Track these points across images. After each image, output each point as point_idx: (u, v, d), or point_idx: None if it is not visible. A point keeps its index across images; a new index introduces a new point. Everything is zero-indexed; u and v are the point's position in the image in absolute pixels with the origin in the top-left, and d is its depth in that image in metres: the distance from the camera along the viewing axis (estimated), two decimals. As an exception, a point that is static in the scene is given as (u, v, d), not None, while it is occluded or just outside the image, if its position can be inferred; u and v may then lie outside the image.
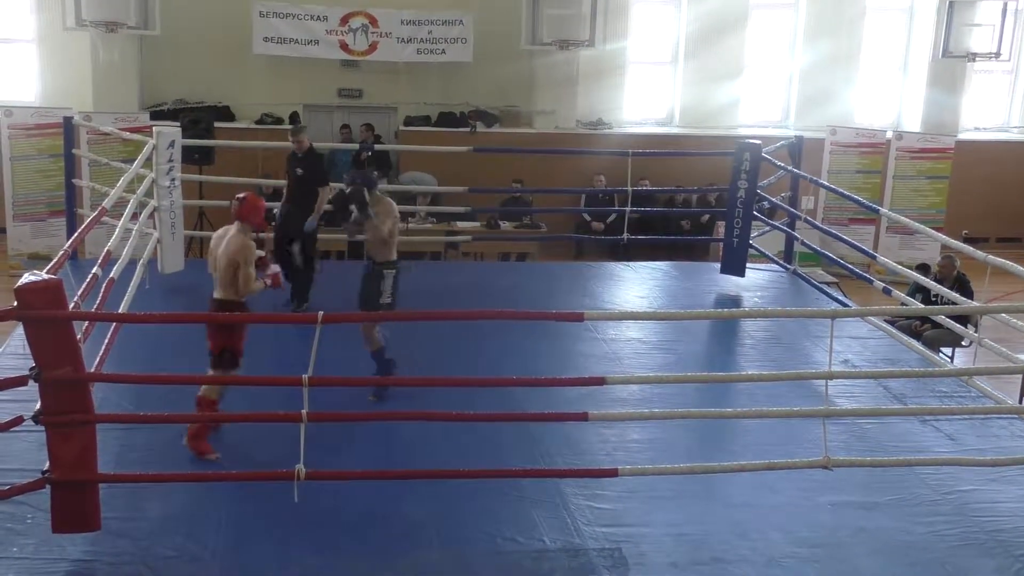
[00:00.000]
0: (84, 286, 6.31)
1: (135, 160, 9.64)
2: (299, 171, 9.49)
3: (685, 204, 15.84)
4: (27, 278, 5.24)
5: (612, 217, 14.74)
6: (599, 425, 7.13)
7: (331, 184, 9.64)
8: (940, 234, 10.01)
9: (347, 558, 5.66)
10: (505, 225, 13.89)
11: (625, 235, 12.02)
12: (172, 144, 9.98)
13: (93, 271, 6.64)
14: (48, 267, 5.68)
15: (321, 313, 5.58)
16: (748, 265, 11.24)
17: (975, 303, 9.64)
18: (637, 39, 16.52)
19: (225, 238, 6.73)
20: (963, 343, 10.64)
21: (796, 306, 10.40)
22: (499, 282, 11.17)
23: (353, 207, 7.49)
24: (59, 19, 14.53)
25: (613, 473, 6.14)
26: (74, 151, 11.41)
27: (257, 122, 15.47)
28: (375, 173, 8.58)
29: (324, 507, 5.98)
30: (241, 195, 6.89)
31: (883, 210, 11.05)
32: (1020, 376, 9.70)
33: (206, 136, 12.87)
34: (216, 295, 6.71)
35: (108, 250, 7.27)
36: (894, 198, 15.35)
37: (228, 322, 6.54)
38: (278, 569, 5.51)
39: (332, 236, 12.97)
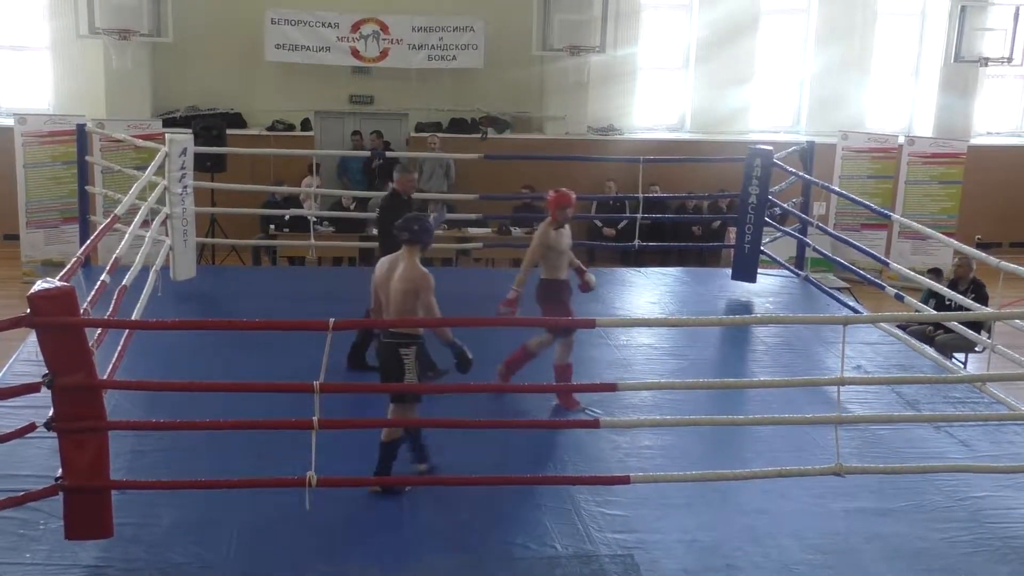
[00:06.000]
0: (93, 293, 6.32)
1: (148, 167, 9.67)
2: None
3: (696, 210, 15.82)
4: (40, 285, 5.26)
5: (623, 223, 14.74)
6: (611, 432, 7.13)
7: None
8: (952, 239, 9.98)
9: (359, 565, 5.65)
10: (516, 231, 13.90)
11: (636, 241, 12.01)
12: (184, 151, 10.00)
13: (101, 278, 6.66)
14: (61, 274, 5.71)
15: (332, 320, 5.59)
16: (759, 271, 11.20)
17: (988, 309, 9.59)
18: (648, 45, 16.54)
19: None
20: (976, 348, 10.60)
21: (808, 312, 10.36)
22: (510, 288, 11.12)
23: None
24: (72, 27, 14.63)
25: (625, 480, 6.12)
26: (87, 158, 11.45)
27: (269, 129, 15.53)
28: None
29: (336, 514, 5.99)
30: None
31: (895, 215, 11.01)
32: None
33: (218, 143, 12.93)
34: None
35: (117, 257, 7.29)
36: (906, 203, 15.30)
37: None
38: (290, 576, 5.52)
39: (342, 243, 13.01)
